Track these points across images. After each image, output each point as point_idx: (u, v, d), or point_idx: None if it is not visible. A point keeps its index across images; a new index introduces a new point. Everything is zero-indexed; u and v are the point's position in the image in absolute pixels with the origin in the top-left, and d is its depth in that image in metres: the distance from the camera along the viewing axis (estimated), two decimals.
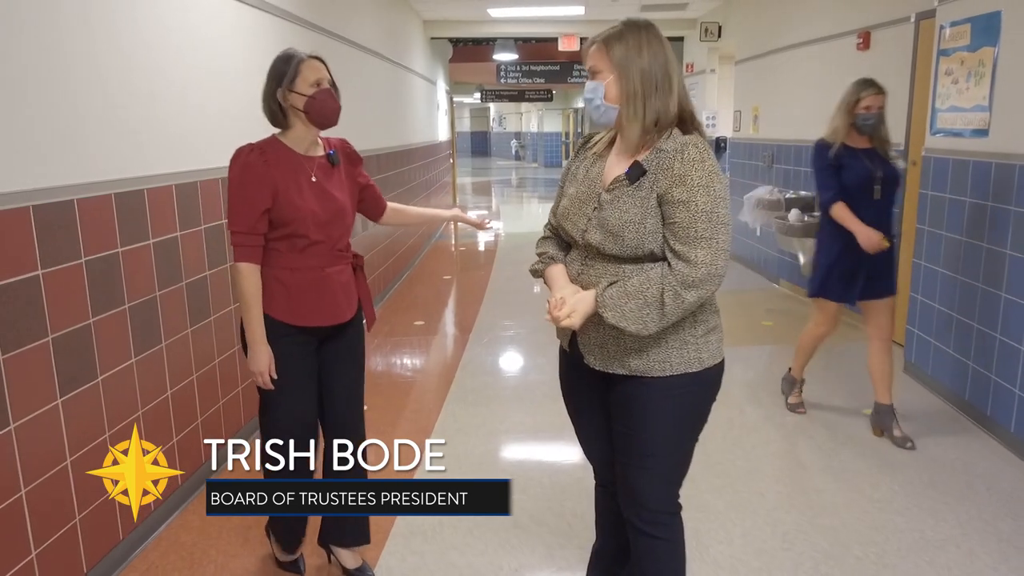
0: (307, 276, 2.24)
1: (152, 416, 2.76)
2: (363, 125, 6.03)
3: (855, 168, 3.44)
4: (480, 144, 37.22)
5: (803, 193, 6.15)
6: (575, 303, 1.75)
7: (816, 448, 3.50)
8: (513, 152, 33.64)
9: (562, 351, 2.03)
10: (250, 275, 2.18)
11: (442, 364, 4.97)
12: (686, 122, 1.79)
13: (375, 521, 2.84)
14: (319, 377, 2.36)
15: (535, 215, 14.40)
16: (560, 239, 1.98)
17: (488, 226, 2.70)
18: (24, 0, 2.13)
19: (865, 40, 5.33)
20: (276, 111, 2.19)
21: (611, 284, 1.76)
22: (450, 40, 11.96)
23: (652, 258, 1.78)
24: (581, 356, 1.90)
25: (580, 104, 24.44)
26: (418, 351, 5.32)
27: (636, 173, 1.77)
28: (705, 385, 1.86)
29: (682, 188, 1.70)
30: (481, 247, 10.04)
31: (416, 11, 9.10)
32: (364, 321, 2.48)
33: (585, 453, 2.13)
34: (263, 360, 2.21)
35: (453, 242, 10.47)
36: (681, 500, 1.96)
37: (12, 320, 2.08)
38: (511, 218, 13.40)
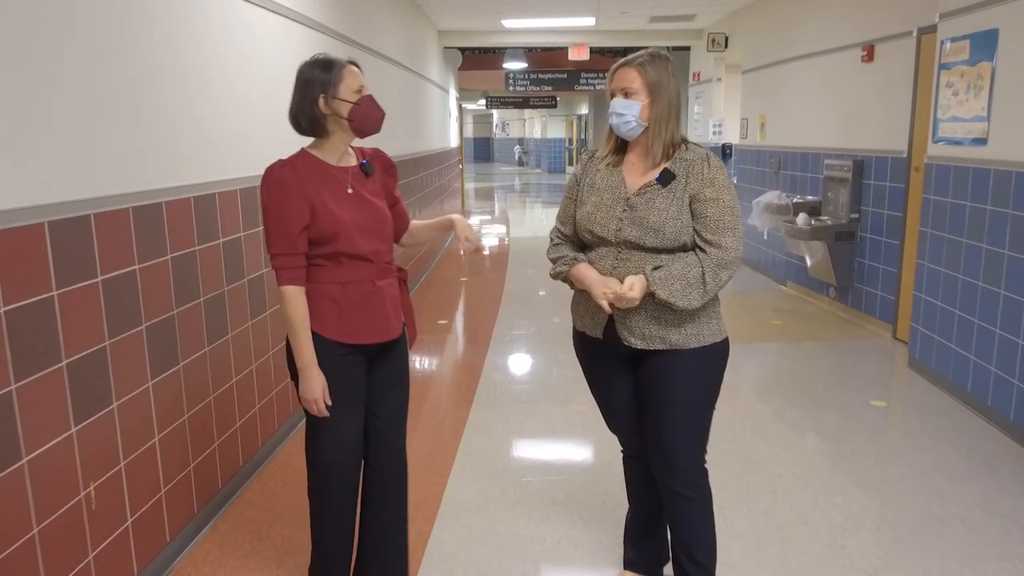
0: (358, 290, 2.13)
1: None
2: (389, 133, 6.28)
3: None
4: (483, 150, 37.54)
5: (810, 198, 6.41)
6: (632, 282, 2.03)
7: (827, 437, 3.74)
8: (516, 158, 33.97)
9: (585, 340, 2.26)
10: (296, 298, 2.06)
11: (469, 360, 5.22)
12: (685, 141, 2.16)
13: (424, 492, 3.09)
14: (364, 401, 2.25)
15: (540, 220, 14.67)
16: (573, 243, 2.24)
17: (481, 247, 2.50)
18: (128, 32, 2.39)
19: (869, 53, 5.59)
20: (318, 119, 2.07)
21: (655, 268, 2.05)
22: (460, 49, 12.24)
23: (683, 248, 2.09)
24: (615, 341, 2.15)
25: (584, 111, 24.74)
26: (443, 349, 5.56)
27: (667, 178, 2.10)
28: (725, 353, 2.19)
29: (712, 188, 2.05)
30: (487, 251, 10.30)
31: (432, 22, 9.38)
32: (407, 338, 2.36)
33: (613, 427, 2.38)
34: (317, 386, 2.08)
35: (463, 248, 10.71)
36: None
37: (118, 308, 2.32)
38: (516, 223, 13.67)
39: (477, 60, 13.84)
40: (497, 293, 7.25)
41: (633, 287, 2.02)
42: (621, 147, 2.21)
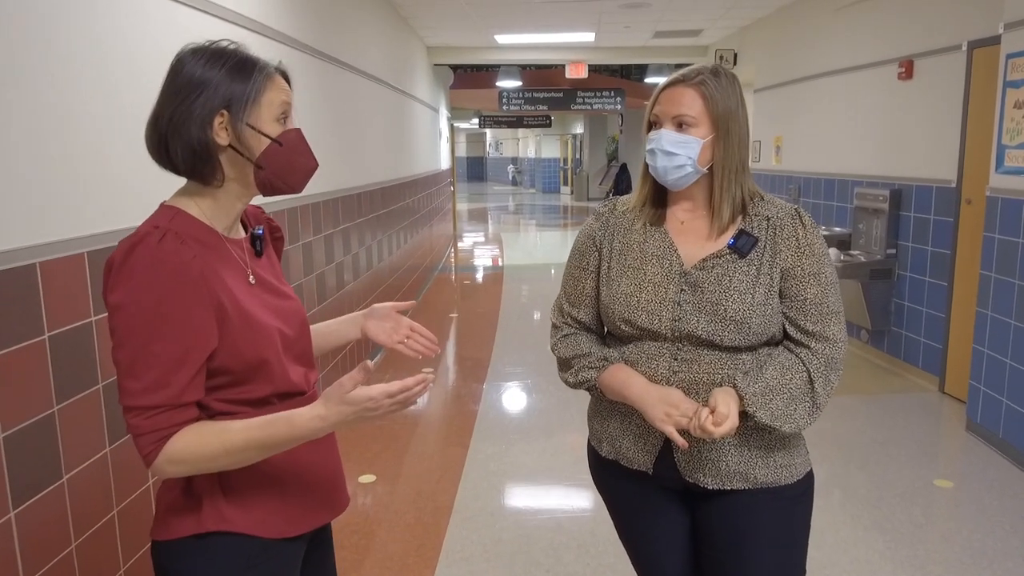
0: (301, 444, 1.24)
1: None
2: (369, 157, 5.65)
3: None
4: (476, 169, 37.06)
5: (837, 230, 5.80)
6: (725, 403, 1.36)
7: (892, 534, 3.08)
8: (510, 177, 33.44)
9: (618, 472, 1.58)
10: (194, 440, 1.13)
11: (458, 420, 4.54)
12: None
13: None
14: None
15: (534, 242, 14.06)
16: (592, 332, 1.60)
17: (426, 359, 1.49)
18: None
19: (907, 69, 5.00)
20: (206, 153, 1.17)
21: (745, 376, 1.43)
22: (451, 66, 11.67)
23: (768, 343, 1.48)
24: (670, 475, 1.51)
25: (579, 130, 24.22)
26: (431, 401, 4.88)
27: (746, 245, 1.46)
28: (813, 484, 1.57)
29: (811, 259, 1.47)
30: (479, 279, 9.65)
31: (420, 38, 8.78)
32: None
33: None
34: (377, 394, 1.12)
35: (454, 275, 10.08)
36: None
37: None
38: (511, 247, 13.02)
39: (469, 78, 13.29)
40: (491, 329, 6.59)
41: (728, 413, 1.34)
42: (658, 197, 1.55)
